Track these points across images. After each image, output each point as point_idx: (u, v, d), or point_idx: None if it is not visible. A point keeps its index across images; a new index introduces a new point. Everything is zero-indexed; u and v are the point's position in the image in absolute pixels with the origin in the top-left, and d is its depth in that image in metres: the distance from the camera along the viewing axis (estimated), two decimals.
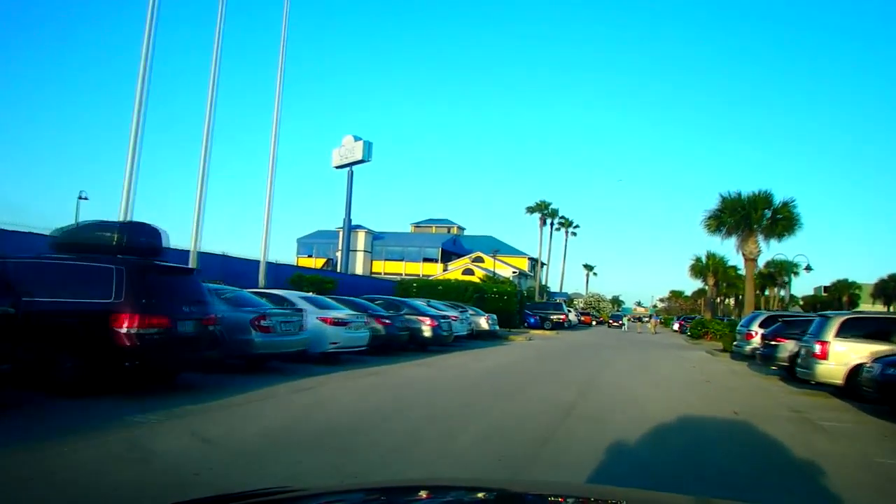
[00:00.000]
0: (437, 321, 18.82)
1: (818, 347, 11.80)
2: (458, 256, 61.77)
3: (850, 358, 11.38)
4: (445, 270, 55.52)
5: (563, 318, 43.07)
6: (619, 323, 59.26)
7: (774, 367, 15.89)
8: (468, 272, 50.37)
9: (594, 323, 64.30)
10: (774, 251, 47.42)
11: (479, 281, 40.30)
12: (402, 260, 60.75)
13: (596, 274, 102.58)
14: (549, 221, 65.25)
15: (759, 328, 18.55)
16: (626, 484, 4.53)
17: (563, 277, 76.85)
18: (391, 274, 52.80)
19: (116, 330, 7.65)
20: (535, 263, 66.17)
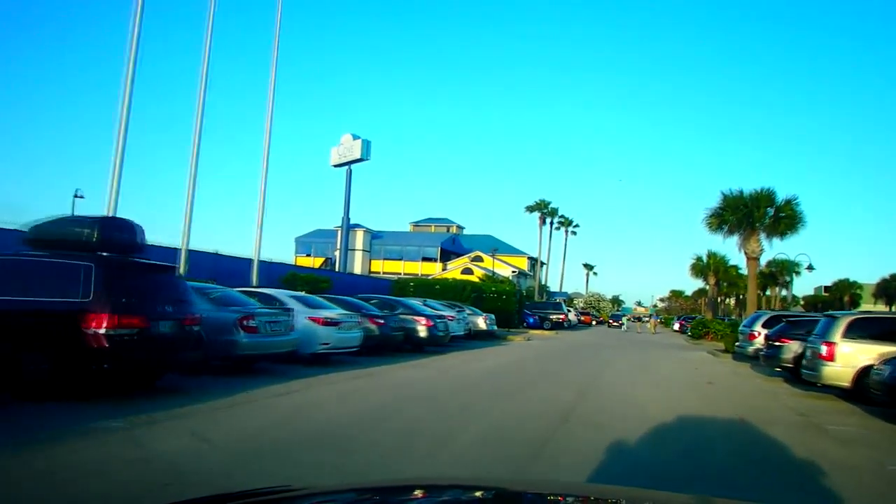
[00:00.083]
0: (433, 321, 18.43)
1: (824, 348, 11.43)
2: (457, 256, 61.38)
3: (857, 359, 11.02)
4: (444, 270, 55.15)
5: (562, 317, 42.68)
6: (618, 323, 58.89)
7: (778, 368, 15.54)
8: (467, 271, 49.99)
9: (594, 323, 63.92)
10: (777, 250, 46.89)
11: (477, 280, 39.91)
12: (401, 259, 60.37)
13: (596, 273, 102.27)
14: (548, 220, 64.91)
15: (762, 328, 18.23)
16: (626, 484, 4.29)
17: (562, 277, 76.80)
18: (390, 273, 52.35)
19: (87, 331, 7.23)
20: (534, 263, 65.79)
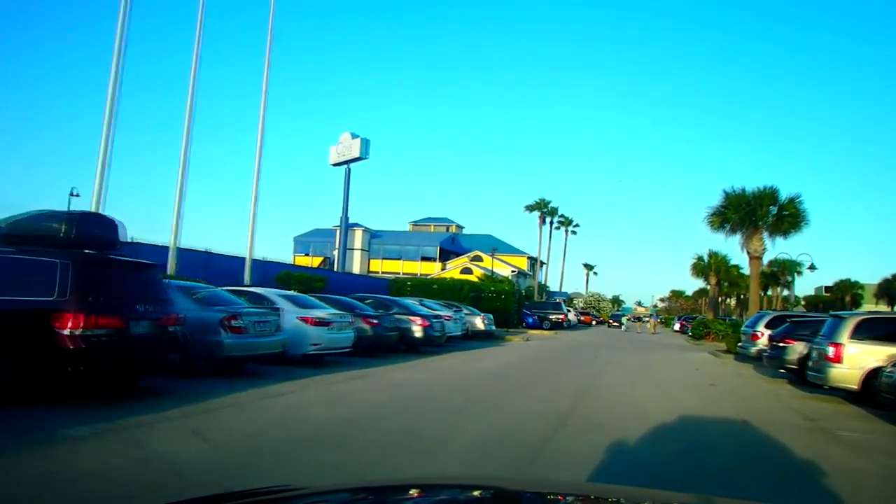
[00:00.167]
0: (428, 321, 18.05)
1: (831, 350, 11.07)
2: (456, 255, 60.97)
3: (865, 361, 10.70)
4: (444, 269, 54.75)
5: (561, 317, 42.29)
6: (618, 323, 58.53)
7: (782, 370, 15.18)
8: (466, 271, 49.60)
9: (594, 323, 63.52)
10: (779, 249, 46.54)
11: (476, 280, 39.52)
12: (399, 259, 59.93)
13: (596, 273, 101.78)
14: (548, 220, 64.39)
15: (765, 329, 17.86)
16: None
17: (562, 277, 76.28)
18: (389, 273, 51.96)
19: (58, 331, 6.85)
20: (534, 262, 65.37)
